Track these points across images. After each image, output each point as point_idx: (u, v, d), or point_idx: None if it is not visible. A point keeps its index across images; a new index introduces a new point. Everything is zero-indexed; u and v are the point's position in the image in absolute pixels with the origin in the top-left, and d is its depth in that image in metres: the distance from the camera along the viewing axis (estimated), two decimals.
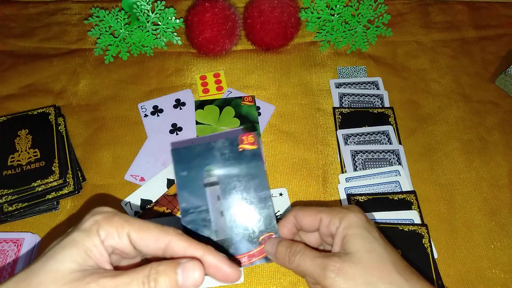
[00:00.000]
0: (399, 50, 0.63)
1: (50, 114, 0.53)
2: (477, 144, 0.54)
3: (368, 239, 0.32)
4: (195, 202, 0.38)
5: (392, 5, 0.67)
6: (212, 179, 0.38)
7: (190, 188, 0.38)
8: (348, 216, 0.33)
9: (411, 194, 0.48)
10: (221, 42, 0.58)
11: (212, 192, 0.38)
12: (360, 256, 0.31)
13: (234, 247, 0.37)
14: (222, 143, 0.39)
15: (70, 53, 0.62)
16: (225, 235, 0.37)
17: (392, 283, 0.30)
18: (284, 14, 0.57)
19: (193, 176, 0.38)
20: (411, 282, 0.30)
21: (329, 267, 0.30)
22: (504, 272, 0.45)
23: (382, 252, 0.31)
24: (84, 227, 0.28)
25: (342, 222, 0.33)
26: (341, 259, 0.31)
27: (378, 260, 0.31)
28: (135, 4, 0.59)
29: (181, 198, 0.38)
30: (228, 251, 0.37)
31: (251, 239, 0.37)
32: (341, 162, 0.52)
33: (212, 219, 0.37)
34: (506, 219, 0.48)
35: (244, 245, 0.37)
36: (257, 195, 0.38)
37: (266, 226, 0.37)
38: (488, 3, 0.68)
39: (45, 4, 0.67)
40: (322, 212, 0.34)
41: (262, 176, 0.39)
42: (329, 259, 0.31)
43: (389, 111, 0.55)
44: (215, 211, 0.38)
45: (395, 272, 0.30)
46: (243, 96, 0.57)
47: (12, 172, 0.48)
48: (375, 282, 0.29)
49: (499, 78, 0.58)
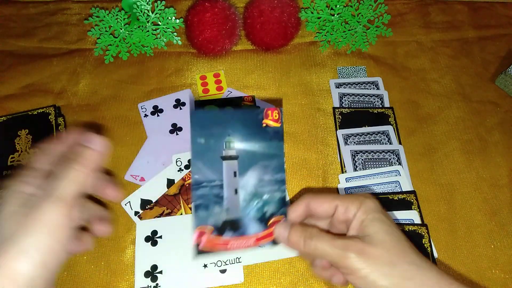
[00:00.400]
0: (399, 50, 0.63)
1: (50, 114, 0.53)
2: (477, 144, 0.54)
3: (386, 223, 0.33)
4: (209, 175, 0.34)
5: (392, 5, 0.67)
6: (231, 152, 0.35)
7: (206, 159, 0.35)
8: (366, 202, 0.34)
9: (411, 194, 0.48)
10: (221, 42, 0.58)
11: (230, 167, 0.35)
12: (380, 237, 0.32)
13: (243, 228, 0.35)
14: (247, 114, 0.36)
15: (70, 53, 0.62)
16: (236, 214, 0.35)
17: (412, 263, 0.31)
18: (284, 14, 0.57)
19: (211, 145, 0.35)
20: (428, 263, 0.32)
21: (350, 248, 0.31)
22: (504, 272, 0.45)
23: (400, 234, 0.32)
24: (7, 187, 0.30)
25: (360, 207, 0.33)
26: (362, 241, 0.32)
27: (397, 241, 0.32)
28: (135, 4, 0.59)
29: (195, 169, 0.34)
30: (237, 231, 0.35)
31: (261, 221, 0.35)
32: (341, 162, 0.52)
33: (225, 196, 0.35)
34: (506, 219, 0.48)
35: (253, 226, 0.35)
36: (273, 177, 0.36)
37: (277, 209, 0.36)
38: (488, 3, 0.68)
39: (45, 4, 0.67)
40: (338, 199, 0.35)
41: (281, 158, 0.36)
42: (350, 240, 0.32)
43: (389, 111, 0.55)
44: (229, 188, 0.35)
45: (413, 253, 0.32)
46: (243, 96, 0.57)
47: (12, 172, 0.48)
48: (397, 262, 0.30)
49: (499, 78, 0.58)
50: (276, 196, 0.36)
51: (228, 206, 0.35)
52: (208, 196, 0.34)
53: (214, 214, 0.35)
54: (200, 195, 0.34)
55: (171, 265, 0.44)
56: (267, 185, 0.36)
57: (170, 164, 0.50)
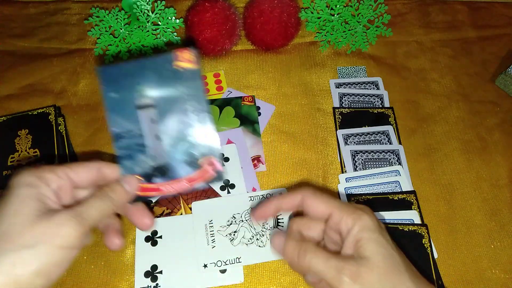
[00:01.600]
0: (399, 50, 0.63)
1: (50, 114, 0.53)
2: (477, 144, 0.54)
3: (383, 244, 0.31)
4: (127, 126, 0.35)
5: (392, 5, 0.67)
6: (145, 101, 0.35)
7: (122, 111, 0.35)
8: (363, 218, 0.32)
9: (411, 194, 0.48)
10: (221, 42, 0.58)
11: (146, 115, 0.36)
12: (376, 261, 0.30)
13: (172, 172, 0.35)
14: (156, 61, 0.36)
15: (70, 53, 0.62)
16: (163, 159, 0.35)
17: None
18: (284, 14, 0.57)
19: (124, 97, 0.35)
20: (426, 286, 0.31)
21: (344, 271, 0.30)
22: (504, 272, 0.45)
23: (396, 257, 0.31)
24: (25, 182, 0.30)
25: (356, 223, 0.32)
26: (357, 263, 0.30)
27: (393, 266, 0.31)
28: (135, 4, 0.59)
29: (112, 122, 0.35)
30: (167, 175, 0.35)
31: (190, 163, 0.35)
32: (341, 162, 0.52)
33: (147, 144, 0.35)
34: (506, 219, 0.48)
35: (183, 169, 0.35)
36: (196, 117, 0.36)
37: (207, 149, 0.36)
38: (488, 3, 0.68)
39: (45, 4, 0.67)
40: (335, 206, 0.33)
41: (201, 96, 0.36)
42: (344, 262, 0.31)
43: (389, 111, 0.55)
44: (150, 135, 0.35)
45: (408, 279, 0.30)
46: (243, 96, 0.57)
47: (12, 172, 0.48)
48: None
49: (499, 78, 0.58)
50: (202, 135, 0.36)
51: (153, 153, 0.35)
52: (131, 146, 0.35)
53: (139, 162, 0.35)
54: (122, 146, 0.35)
55: (171, 265, 0.44)
56: (191, 127, 0.36)
57: None
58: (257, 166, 0.51)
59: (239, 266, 0.44)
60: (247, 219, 0.47)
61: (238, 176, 0.49)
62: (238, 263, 0.44)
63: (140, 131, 0.35)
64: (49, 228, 0.28)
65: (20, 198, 0.29)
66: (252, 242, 0.45)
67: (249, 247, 0.45)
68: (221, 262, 0.44)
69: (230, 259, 0.44)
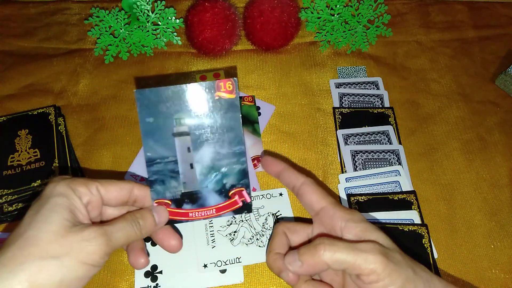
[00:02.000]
0: (399, 50, 0.63)
1: (50, 114, 0.53)
2: (477, 144, 0.54)
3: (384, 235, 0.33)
4: (162, 152, 0.35)
5: (392, 5, 0.67)
6: (182, 129, 0.35)
7: (157, 137, 0.35)
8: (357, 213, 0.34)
9: (411, 194, 0.48)
10: (221, 42, 0.58)
11: (182, 143, 0.35)
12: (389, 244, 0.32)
13: (202, 200, 0.36)
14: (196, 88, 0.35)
15: (70, 53, 0.62)
16: (194, 187, 0.36)
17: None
18: (284, 14, 0.57)
19: (160, 123, 0.35)
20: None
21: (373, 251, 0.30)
22: (504, 272, 0.45)
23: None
24: (60, 192, 0.30)
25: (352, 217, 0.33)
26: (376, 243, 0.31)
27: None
28: (135, 4, 0.59)
29: (147, 147, 0.35)
30: (197, 202, 0.36)
31: (220, 193, 0.36)
32: (341, 162, 0.52)
33: (180, 171, 0.35)
34: (506, 219, 0.48)
35: (213, 198, 0.36)
36: (231, 149, 0.36)
37: (237, 181, 0.36)
38: (488, 3, 0.68)
39: (45, 4, 0.67)
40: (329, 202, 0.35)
41: (238, 129, 0.36)
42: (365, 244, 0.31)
43: (389, 111, 0.55)
44: (184, 163, 0.35)
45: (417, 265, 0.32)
46: (243, 96, 0.57)
47: (12, 172, 0.48)
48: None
49: (499, 78, 0.58)
50: (235, 168, 0.36)
51: (185, 180, 0.35)
52: (163, 172, 0.35)
53: (171, 188, 0.35)
54: (155, 171, 0.35)
55: (171, 265, 0.44)
56: (225, 158, 0.36)
57: None
58: (257, 166, 0.51)
59: (239, 266, 0.44)
60: (247, 219, 0.47)
61: None
62: (238, 263, 0.44)
63: (174, 158, 0.35)
64: (77, 242, 0.28)
65: (53, 206, 0.30)
66: (252, 242, 0.45)
67: (249, 247, 0.45)
68: (221, 262, 0.44)
69: (230, 259, 0.44)
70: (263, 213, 0.47)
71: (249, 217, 0.47)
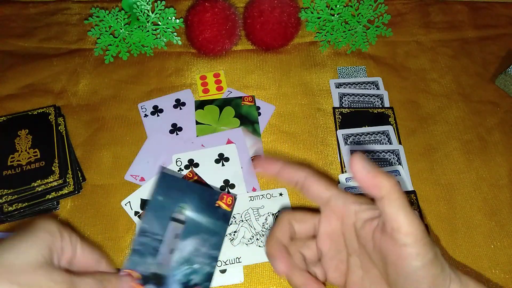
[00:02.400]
0: (399, 50, 0.63)
1: (50, 114, 0.53)
2: (477, 144, 0.54)
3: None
4: (155, 229, 0.39)
5: (392, 5, 0.67)
6: (180, 217, 0.40)
7: (158, 214, 0.40)
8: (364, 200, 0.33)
9: (411, 194, 0.48)
10: (221, 42, 0.58)
11: (174, 228, 0.40)
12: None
13: (165, 286, 0.38)
14: (205, 191, 0.42)
15: (70, 53, 0.62)
16: (164, 271, 0.38)
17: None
18: (284, 14, 0.57)
19: (166, 204, 0.40)
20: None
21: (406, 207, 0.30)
22: (504, 272, 0.45)
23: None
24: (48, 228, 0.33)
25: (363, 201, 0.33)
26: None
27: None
28: (135, 4, 0.59)
29: (146, 218, 0.39)
30: (160, 286, 0.38)
31: (183, 286, 0.38)
32: (341, 162, 0.52)
33: (160, 251, 0.39)
34: (506, 219, 0.48)
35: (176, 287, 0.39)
36: (209, 251, 0.40)
37: (202, 281, 0.39)
38: (488, 3, 0.68)
39: (45, 4, 0.67)
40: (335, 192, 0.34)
41: (222, 237, 0.41)
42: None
43: (389, 111, 0.55)
44: (167, 246, 0.39)
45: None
46: (243, 96, 0.57)
47: (12, 172, 0.48)
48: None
49: (499, 78, 0.58)
50: (205, 269, 0.39)
51: (161, 262, 0.39)
52: (147, 246, 0.39)
53: (145, 263, 0.38)
54: (141, 242, 0.39)
55: None
56: (201, 256, 0.39)
57: (170, 164, 0.50)
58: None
59: (239, 266, 0.44)
60: (247, 219, 0.47)
61: (238, 176, 0.49)
62: (238, 263, 0.44)
63: (161, 238, 0.39)
64: (45, 280, 0.30)
65: (37, 239, 0.32)
66: (252, 242, 0.45)
67: (249, 247, 0.45)
68: (221, 262, 0.44)
69: (230, 259, 0.44)
70: (263, 213, 0.47)
71: (249, 217, 0.47)
